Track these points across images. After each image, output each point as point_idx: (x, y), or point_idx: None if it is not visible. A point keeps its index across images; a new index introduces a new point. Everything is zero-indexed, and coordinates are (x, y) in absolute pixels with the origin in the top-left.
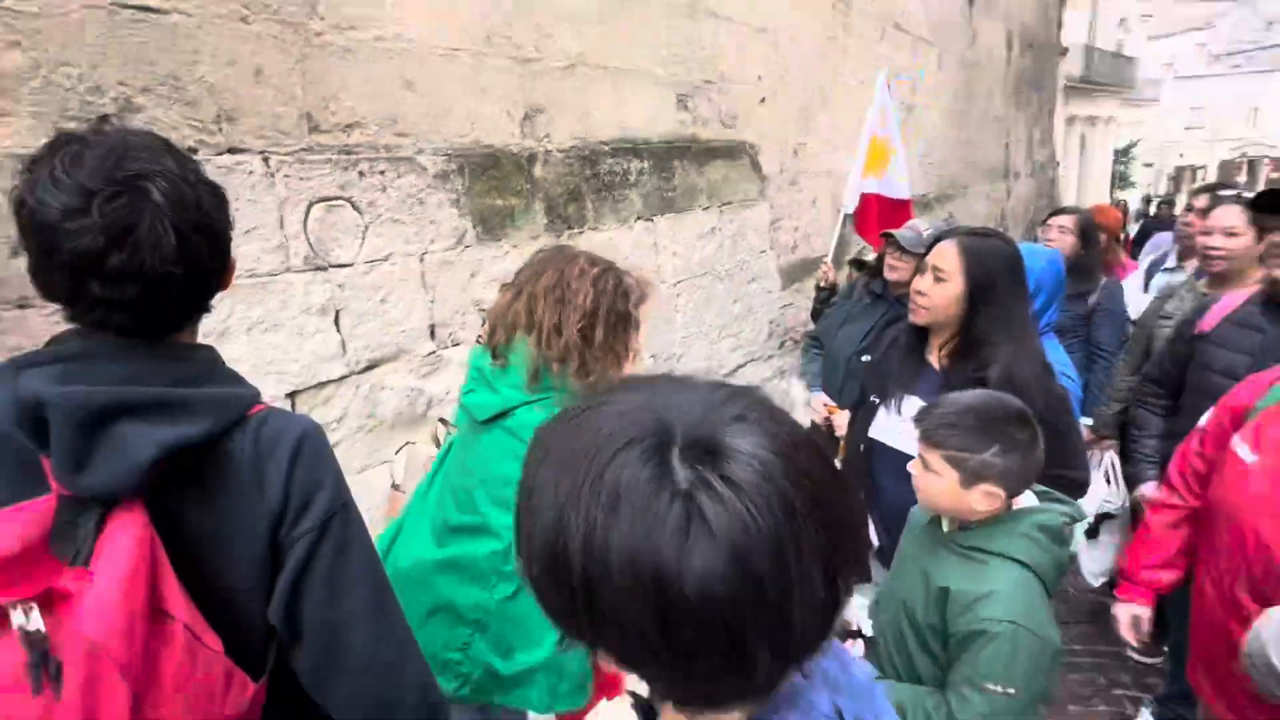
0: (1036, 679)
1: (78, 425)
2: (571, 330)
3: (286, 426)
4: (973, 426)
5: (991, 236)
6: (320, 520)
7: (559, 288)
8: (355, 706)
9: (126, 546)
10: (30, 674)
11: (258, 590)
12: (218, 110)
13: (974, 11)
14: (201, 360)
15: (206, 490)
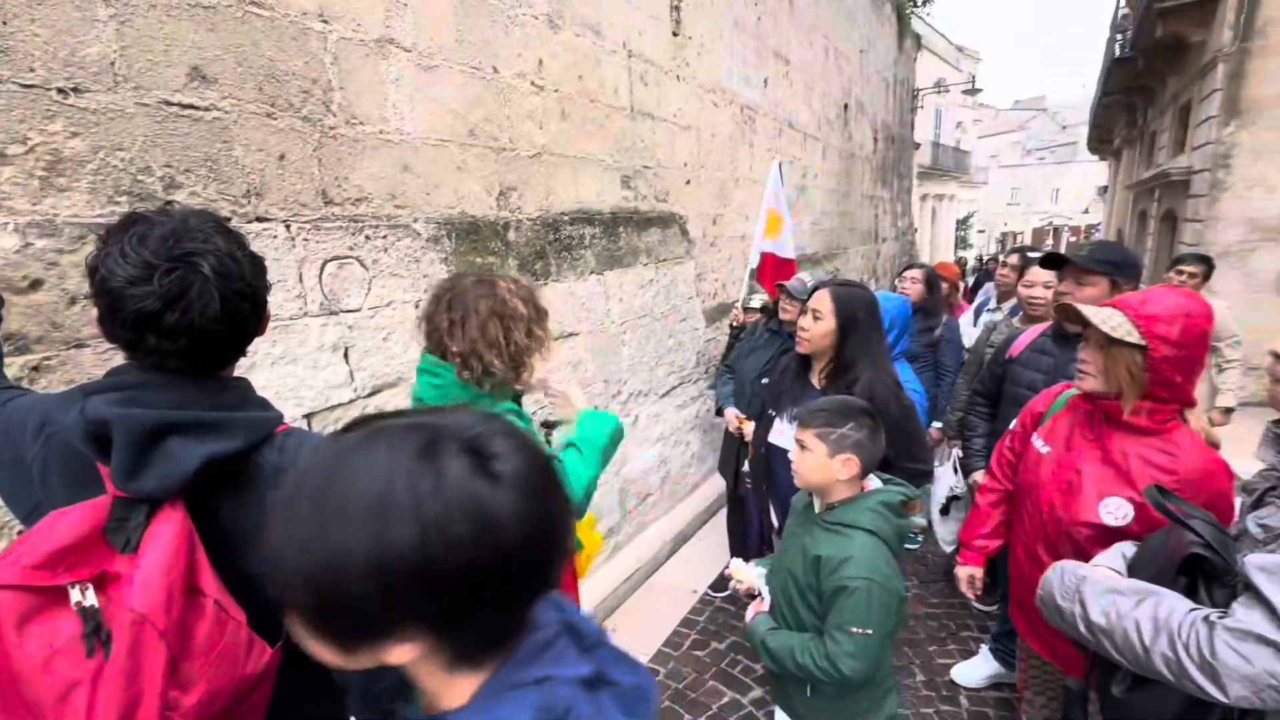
0: (887, 620)
1: (135, 440)
2: (520, 337)
3: (306, 440)
4: (834, 410)
5: (854, 286)
6: None
7: (497, 306)
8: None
9: (168, 536)
10: (85, 641)
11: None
12: (247, 187)
13: (849, 115)
14: (237, 389)
15: (239, 492)
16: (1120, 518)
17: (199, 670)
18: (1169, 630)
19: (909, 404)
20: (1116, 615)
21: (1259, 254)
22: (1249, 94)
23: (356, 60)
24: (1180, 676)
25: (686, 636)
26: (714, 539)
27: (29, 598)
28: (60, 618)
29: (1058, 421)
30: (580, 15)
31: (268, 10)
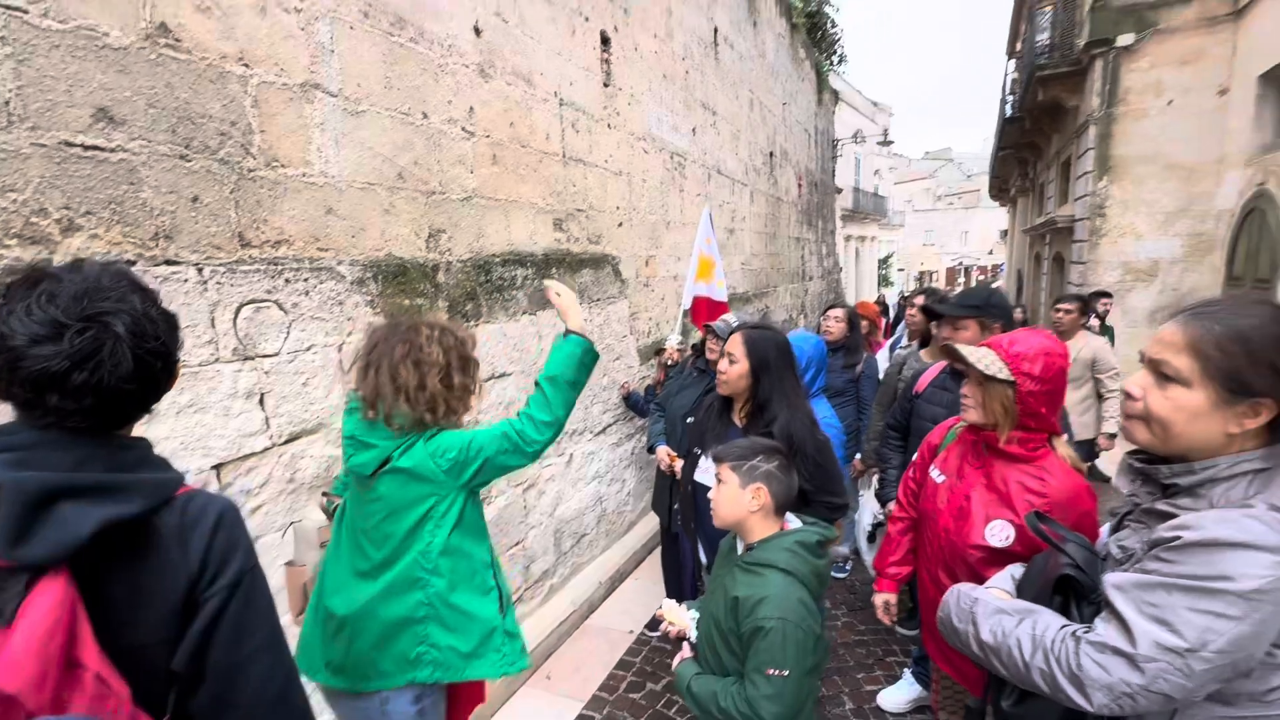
0: (804, 659)
1: (26, 504)
2: (434, 383)
3: (209, 504)
4: (748, 447)
5: (766, 329)
6: (233, 579)
7: (413, 353)
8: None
9: (46, 606)
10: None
11: (166, 643)
12: (156, 229)
13: (774, 163)
14: (136, 449)
15: (133, 558)
16: (1004, 539)
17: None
18: (1043, 646)
19: (824, 440)
20: (1002, 634)
21: (1134, 293)
22: (1116, 153)
23: (279, 104)
24: (1054, 689)
25: (622, 679)
26: (651, 576)
27: None
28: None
29: (951, 452)
30: (512, 65)
31: (184, 54)
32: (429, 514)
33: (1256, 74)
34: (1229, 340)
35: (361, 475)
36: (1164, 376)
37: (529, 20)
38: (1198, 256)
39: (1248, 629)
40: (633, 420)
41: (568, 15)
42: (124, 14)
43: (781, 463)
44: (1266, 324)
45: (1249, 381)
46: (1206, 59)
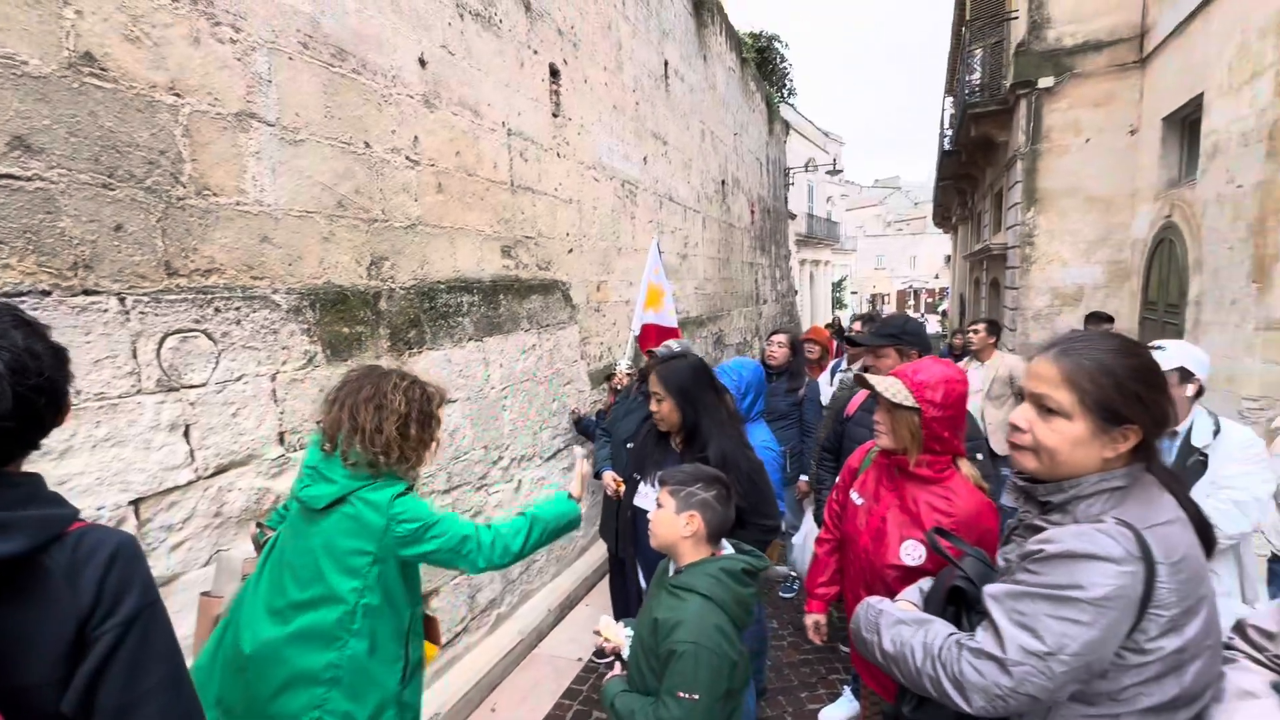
0: (718, 685)
1: None
2: (391, 429)
3: (103, 540)
4: (688, 473)
5: (679, 357)
6: (128, 616)
7: (377, 397)
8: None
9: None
10: None
11: (55, 684)
12: (75, 259)
13: (726, 190)
14: (23, 486)
15: (17, 597)
16: (916, 558)
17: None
18: (932, 654)
19: (758, 463)
20: (900, 643)
21: (1061, 316)
22: (1041, 185)
23: (212, 133)
24: (940, 693)
25: (569, 708)
26: (602, 602)
27: None
28: None
29: (868, 475)
30: (458, 96)
31: (111, 83)
32: (364, 571)
33: (1160, 116)
34: (1099, 373)
35: (311, 508)
36: (1047, 410)
37: (476, 53)
38: (1117, 283)
39: (1097, 634)
40: (584, 445)
41: (516, 48)
42: (45, 43)
43: (720, 493)
44: (1124, 357)
45: (1119, 410)
46: (1117, 101)
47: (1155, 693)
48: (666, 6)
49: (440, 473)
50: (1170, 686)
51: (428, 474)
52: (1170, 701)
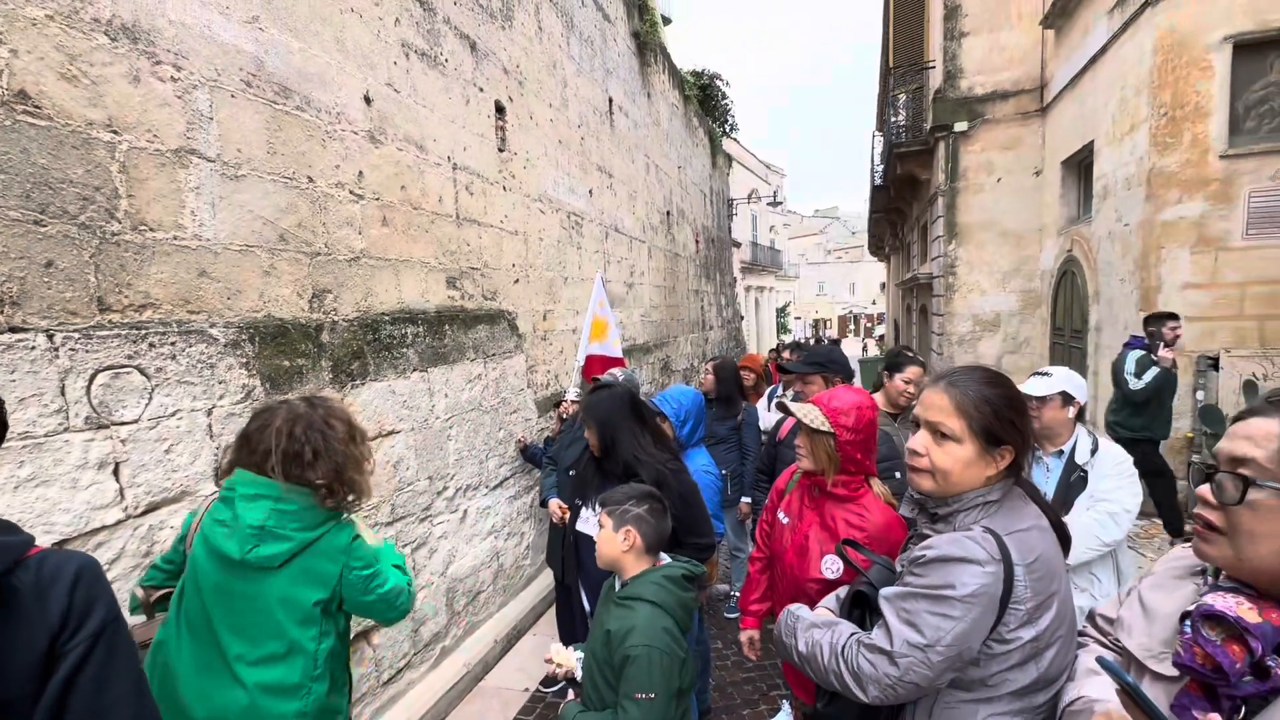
0: (670, 683)
1: None
2: (333, 464)
3: (66, 562)
4: (622, 493)
5: (605, 387)
6: (95, 630)
7: (323, 430)
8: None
9: None
10: None
11: (29, 698)
12: (1, 295)
13: (671, 221)
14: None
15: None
16: (835, 571)
17: None
18: (837, 651)
19: (691, 484)
20: (812, 644)
21: (983, 341)
22: (961, 220)
23: (150, 169)
24: (844, 686)
25: None
26: (549, 631)
27: None
28: None
29: (793, 496)
30: (403, 132)
31: (44, 120)
32: (320, 618)
33: (1060, 160)
34: (981, 402)
35: (259, 567)
36: (941, 435)
37: (421, 90)
38: (1029, 310)
39: (966, 626)
40: (531, 473)
41: (461, 86)
42: None
43: (652, 506)
44: (995, 388)
45: (998, 434)
46: (1024, 145)
47: (1018, 678)
48: (610, 46)
49: (384, 504)
50: (1030, 671)
51: (370, 506)
52: (1031, 684)
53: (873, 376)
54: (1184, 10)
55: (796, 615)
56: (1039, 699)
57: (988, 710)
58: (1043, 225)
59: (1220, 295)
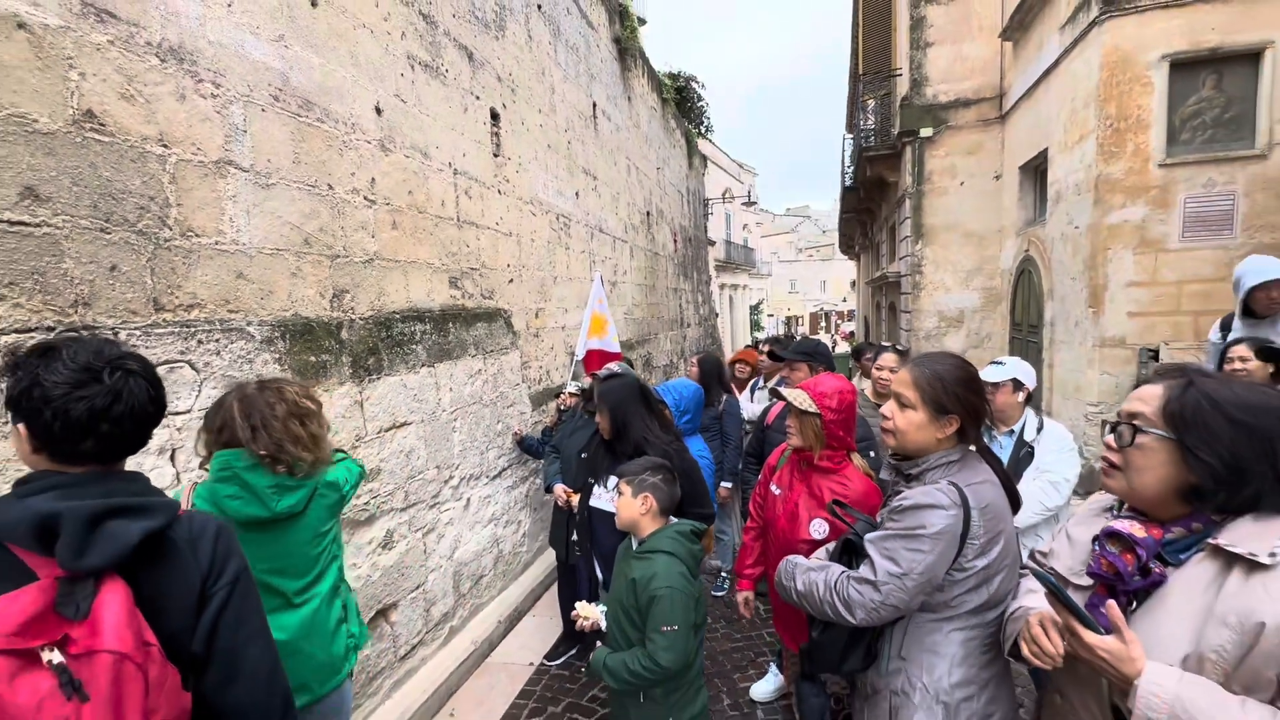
0: (688, 616)
1: (83, 525)
2: (273, 440)
3: (208, 521)
4: (640, 465)
5: (617, 377)
6: (233, 578)
7: (247, 417)
8: (246, 706)
9: (120, 600)
10: (62, 690)
11: (188, 631)
12: (75, 297)
13: (651, 221)
14: (140, 480)
15: (157, 564)
16: (821, 532)
17: (157, 702)
18: (830, 586)
19: (693, 462)
20: (809, 583)
21: (948, 336)
22: (927, 222)
23: (195, 179)
24: (836, 614)
25: (524, 707)
26: (548, 612)
27: (11, 660)
28: (39, 674)
29: (784, 471)
30: (410, 140)
31: (108, 136)
32: (335, 530)
33: (1018, 165)
34: (933, 378)
35: (289, 516)
36: (902, 404)
37: (425, 100)
38: (991, 307)
39: (934, 558)
40: (526, 464)
41: (461, 95)
42: (53, 102)
43: (665, 476)
44: (952, 370)
45: (945, 404)
46: (985, 151)
47: (973, 599)
48: (594, 52)
49: (399, 491)
50: (983, 593)
51: (386, 492)
52: (983, 604)
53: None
54: (1126, 30)
55: (794, 562)
56: (989, 616)
57: (949, 626)
58: (1002, 227)
59: (1160, 293)
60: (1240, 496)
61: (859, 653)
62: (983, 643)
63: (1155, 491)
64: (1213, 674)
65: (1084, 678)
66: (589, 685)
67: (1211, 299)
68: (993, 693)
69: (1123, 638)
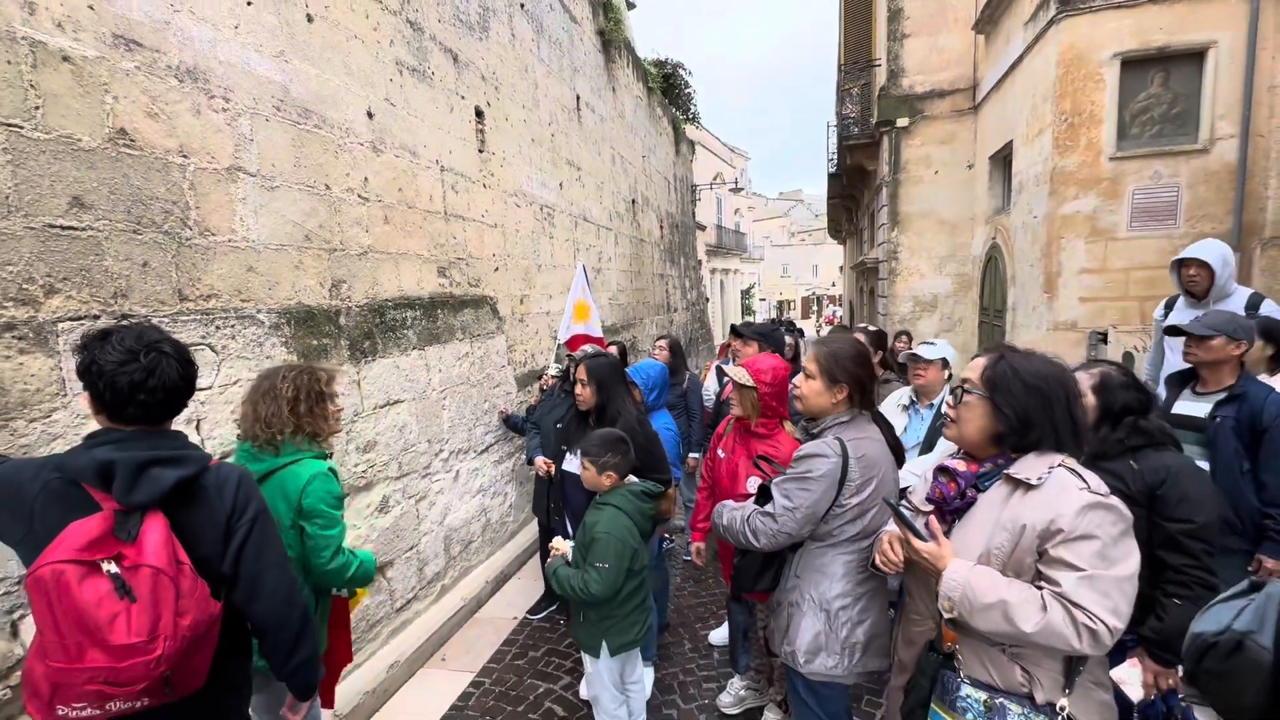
0: (621, 561)
1: (133, 471)
2: (284, 410)
3: (232, 470)
4: (600, 446)
5: (601, 356)
6: (252, 516)
7: (270, 389)
8: (269, 617)
9: (159, 529)
10: (117, 592)
11: (217, 557)
12: (115, 290)
13: (636, 209)
14: (179, 437)
15: (189, 504)
16: (754, 488)
17: (187, 606)
18: (744, 519)
19: (654, 434)
20: (730, 519)
21: (922, 320)
22: (903, 209)
23: (210, 185)
24: (748, 541)
25: (508, 652)
26: (532, 575)
27: (80, 567)
28: (100, 579)
29: (729, 438)
30: (399, 140)
31: (138, 150)
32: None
33: (988, 155)
34: (829, 355)
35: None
36: (807, 375)
37: (413, 103)
38: (962, 292)
39: (817, 495)
40: (512, 440)
41: (446, 95)
42: (92, 123)
43: (623, 450)
44: (845, 346)
45: (837, 375)
46: (958, 141)
47: (851, 529)
48: (576, 45)
49: (392, 461)
50: (859, 524)
51: (381, 462)
52: (859, 534)
53: None
54: (1081, 29)
55: (723, 505)
56: (864, 544)
57: (834, 553)
58: (974, 215)
59: (1109, 279)
60: (1027, 439)
61: (769, 576)
62: (859, 565)
63: (975, 437)
64: (995, 564)
65: (921, 577)
66: (565, 635)
67: (1157, 285)
68: (866, 603)
69: (938, 543)
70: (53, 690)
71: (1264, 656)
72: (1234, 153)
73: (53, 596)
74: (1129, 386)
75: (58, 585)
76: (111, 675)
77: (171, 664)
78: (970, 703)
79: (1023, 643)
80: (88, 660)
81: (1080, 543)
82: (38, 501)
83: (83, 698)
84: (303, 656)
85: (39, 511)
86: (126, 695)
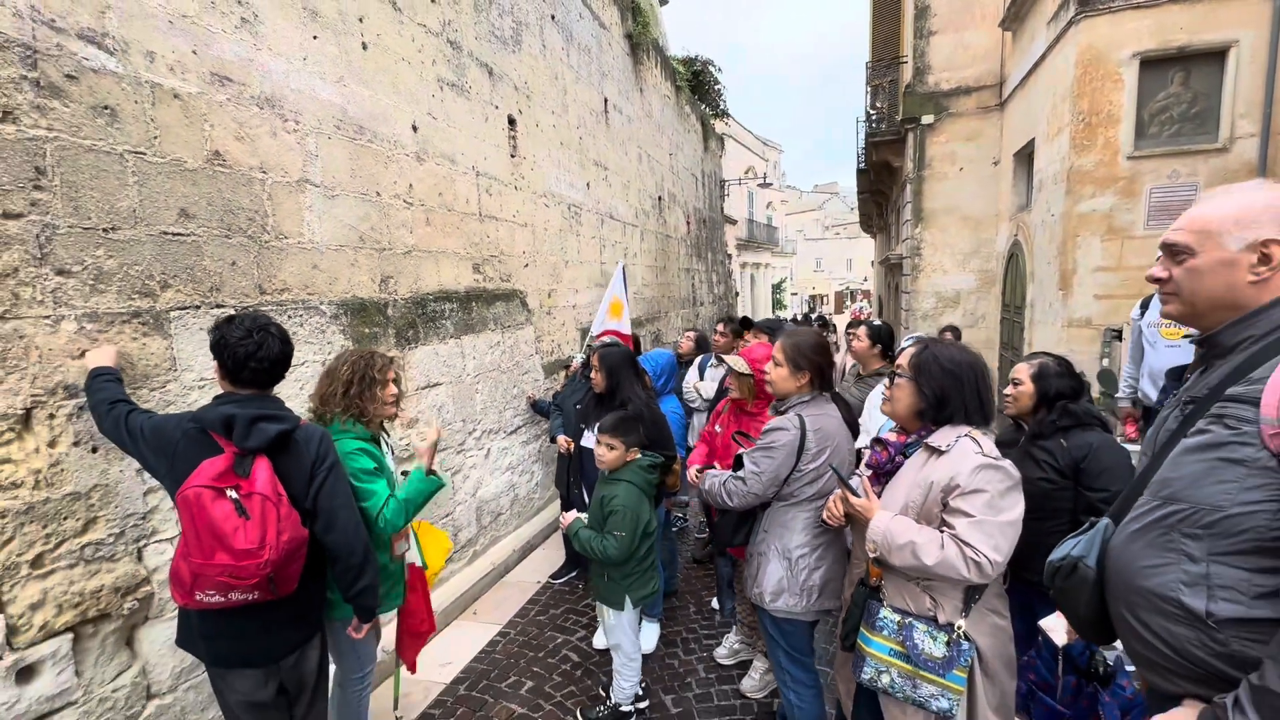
0: (636, 528)
1: (247, 423)
2: (338, 389)
3: (315, 429)
4: (613, 427)
5: (613, 346)
6: (330, 465)
7: (331, 370)
8: (340, 546)
9: (265, 468)
10: (237, 512)
11: (303, 494)
12: (211, 285)
13: (662, 205)
14: (279, 401)
15: (285, 454)
16: None
17: (285, 526)
18: (721, 483)
19: (661, 415)
20: (710, 484)
21: (944, 316)
22: (926, 206)
23: (283, 196)
24: (723, 502)
25: (531, 609)
26: (555, 546)
27: (212, 491)
28: (225, 501)
29: (726, 415)
30: (440, 149)
31: (228, 169)
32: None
33: (1012, 152)
34: (793, 346)
35: None
36: (775, 363)
37: (453, 115)
38: (986, 288)
39: (778, 462)
40: (538, 424)
41: (482, 106)
42: (195, 147)
43: (633, 430)
44: (806, 337)
45: (800, 363)
46: (984, 137)
47: (809, 490)
48: (605, 51)
49: None
50: (816, 486)
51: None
52: (816, 494)
53: None
54: (1100, 30)
55: (705, 471)
56: (821, 502)
57: (795, 510)
58: (998, 211)
59: (1125, 277)
60: (943, 415)
61: (744, 532)
62: (817, 520)
63: (904, 413)
64: (911, 515)
65: (859, 529)
66: (583, 596)
67: None
68: (822, 552)
69: (868, 498)
70: (193, 579)
71: (1090, 574)
72: (1254, 151)
73: (194, 510)
74: (1063, 375)
75: (198, 501)
76: (234, 571)
77: (275, 568)
78: (886, 622)
79: (928, 575)
80: (217, 559)
81: (973, 495)
82: (179, 445)
83: (213, 586)
84: (365, 583)
85: (180, 452)
86: (243, 588)
